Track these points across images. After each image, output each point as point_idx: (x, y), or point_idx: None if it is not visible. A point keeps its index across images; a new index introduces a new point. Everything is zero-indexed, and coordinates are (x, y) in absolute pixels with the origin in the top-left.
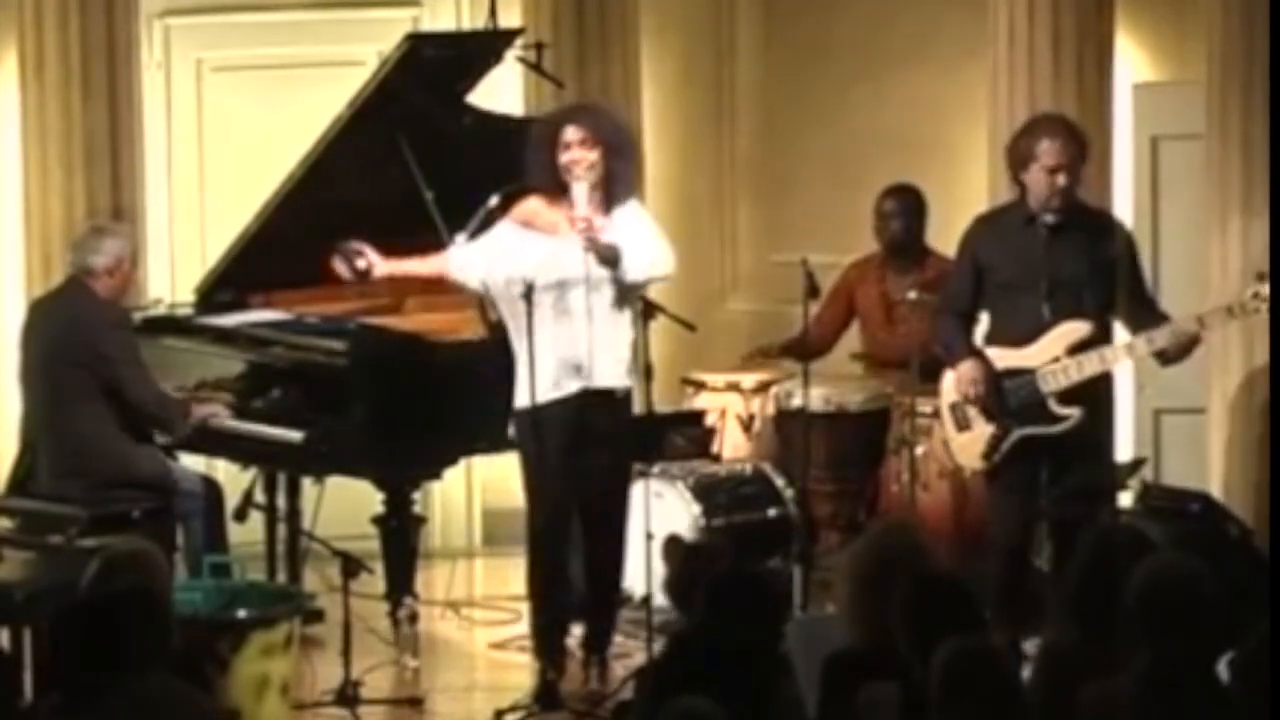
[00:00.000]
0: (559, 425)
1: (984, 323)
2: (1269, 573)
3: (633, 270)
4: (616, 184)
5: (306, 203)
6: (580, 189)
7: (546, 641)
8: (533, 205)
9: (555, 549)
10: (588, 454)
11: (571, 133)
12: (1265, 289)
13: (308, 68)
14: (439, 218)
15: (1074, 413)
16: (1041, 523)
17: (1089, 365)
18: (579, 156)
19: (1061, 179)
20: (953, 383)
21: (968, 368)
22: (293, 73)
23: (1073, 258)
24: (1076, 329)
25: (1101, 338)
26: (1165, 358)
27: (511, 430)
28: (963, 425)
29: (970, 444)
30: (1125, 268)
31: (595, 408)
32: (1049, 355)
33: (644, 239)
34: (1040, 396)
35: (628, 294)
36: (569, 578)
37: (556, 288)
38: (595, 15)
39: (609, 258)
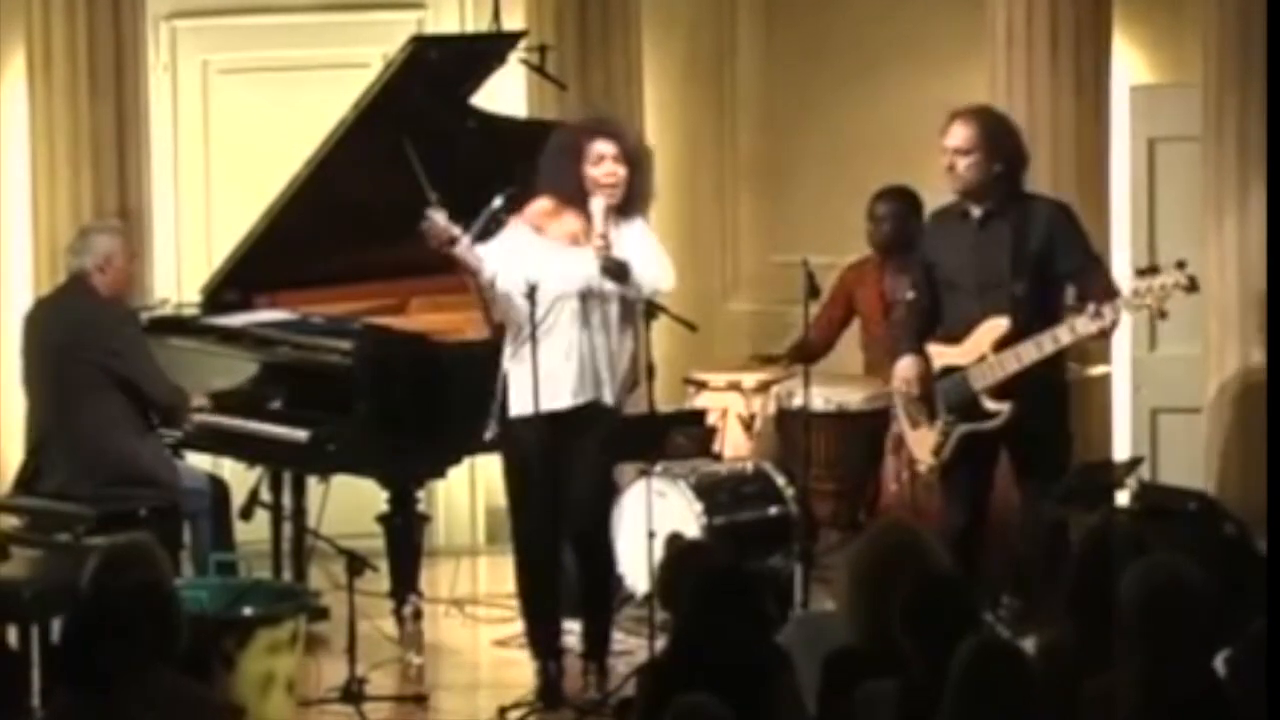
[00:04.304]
0: (548, 435)
1: None
2: (1266, 571)
3: (638, 286)
4: (634, 200)
5: (312, 204)
6: (599, 204)
7: (540, 642)
8: (545, 208)
9: (542, 554)
10: (574, 465)
11: (606, 146)
12: (1145, 284)
13: (313, 70)
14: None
15: (1004, 408)
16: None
17: (1009, 362)
18: (612, 170)
19: (959, 163)
20: (893, 380)
21: (903, 365)
22: (298, 75)
23: (998, 251)
24: (997, 326)
25: (1029, 331)
26: (1090, 337)
27: (490, 434)
28: (916, 422)
29: (922, 440)
30: (1061, 251)
31: (586, 420)
32: (978, 352)
33: (649, 256)
34: (972, 394)
35: (630, 309)
36: (559, 578)
37: (564, 299)
38: (598, 18)
39: (620, 274)
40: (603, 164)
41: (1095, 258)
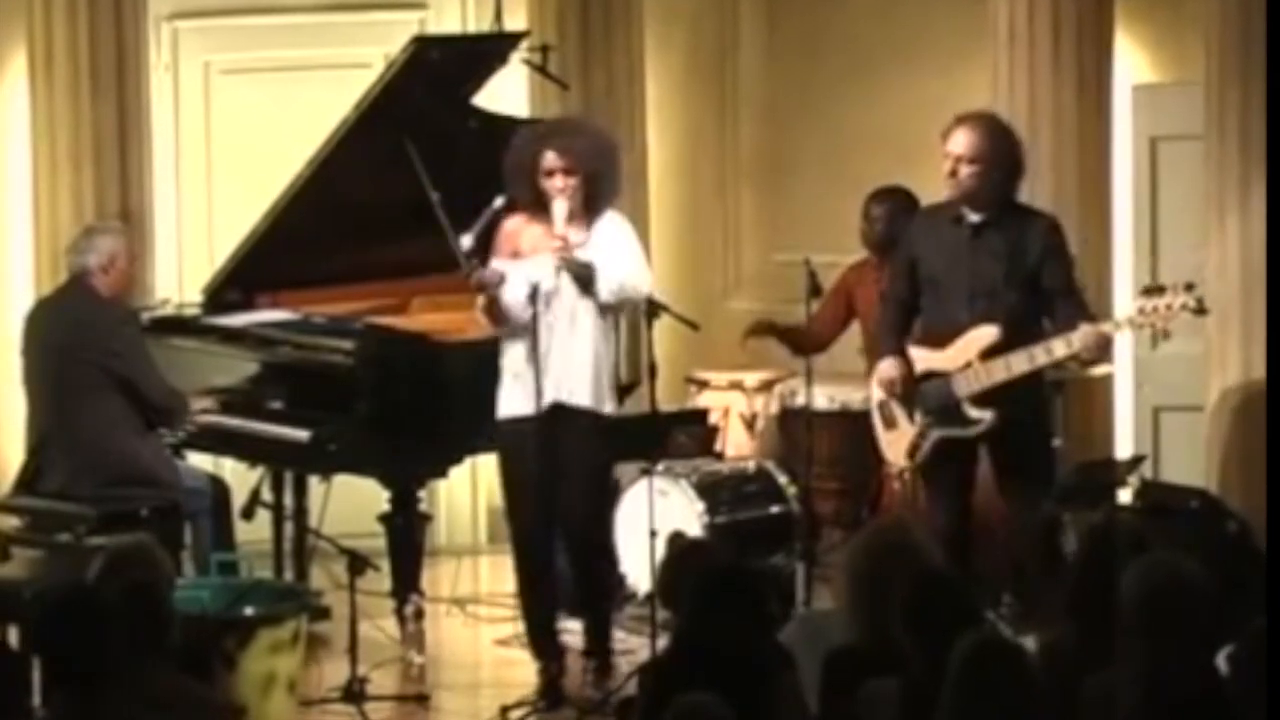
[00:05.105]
0: (532, 439)
1: None
2: (1267, 569)
3: (604, 291)
4: (597, 200)
5: (313, 204)
6: (560, 207)
7: (539, 642)
8: (514, 225)
9: (536, 556)
10: (561, 470)
11: (552, 159)
12: (1151, 304)
13: (315, 70)
14: (445, 219)
15: (986, 416)
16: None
17: (996, 371)
18: (561, 184)
19: (963, 170)
20: (874, 379)
21: (885, 367)
22: (300, 75)
23: (992, 260)
24: (986, 334)
25: (1017, 341)
26: (1081, 361)
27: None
28: (889, 424)
29: (896, 442)
30: (1049, 268)
31: (567, 424)
32: (963, 359)
33: (620, 258)
34: (955, 400)
35: (605, 312)
36: (555, 578)
37: (531, 303)
38: (600, 17)
39: (583, 277)
40: (553, 177)
41: (1073, 284)
